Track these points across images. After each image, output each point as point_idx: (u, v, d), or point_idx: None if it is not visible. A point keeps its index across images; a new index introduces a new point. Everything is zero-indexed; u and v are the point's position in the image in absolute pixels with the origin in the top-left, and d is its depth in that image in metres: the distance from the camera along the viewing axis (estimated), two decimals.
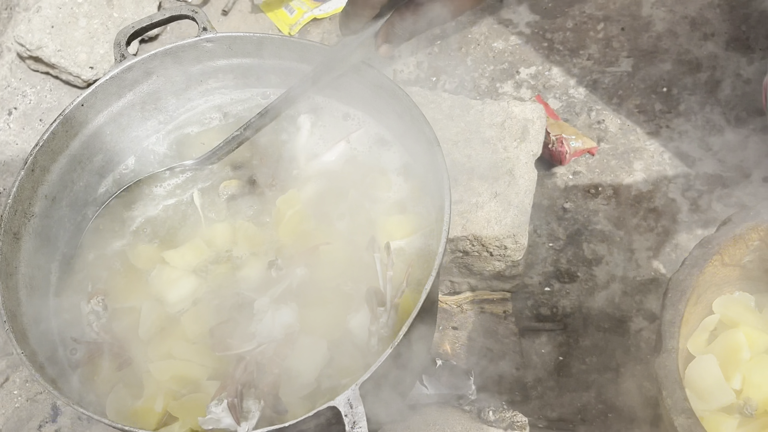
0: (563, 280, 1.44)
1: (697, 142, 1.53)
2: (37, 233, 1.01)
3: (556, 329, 1.40)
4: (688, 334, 1.00)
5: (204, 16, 1.10)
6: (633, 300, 1.40)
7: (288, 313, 0.96)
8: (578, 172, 1.53)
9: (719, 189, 1.48)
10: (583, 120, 1.58)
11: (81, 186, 1.09)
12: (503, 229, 1.29)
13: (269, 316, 0.96)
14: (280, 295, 0.99)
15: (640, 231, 1.46)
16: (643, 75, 1.61)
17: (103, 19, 1.65)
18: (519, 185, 1.32)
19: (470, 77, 1.66)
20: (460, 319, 1.37)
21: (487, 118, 1.38)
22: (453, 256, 1.34)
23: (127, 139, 1.14)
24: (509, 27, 1.70)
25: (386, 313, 0.96)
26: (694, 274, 0.91)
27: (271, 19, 1.77)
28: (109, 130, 1.11)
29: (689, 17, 1.66)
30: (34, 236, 1.01)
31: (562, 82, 1.62)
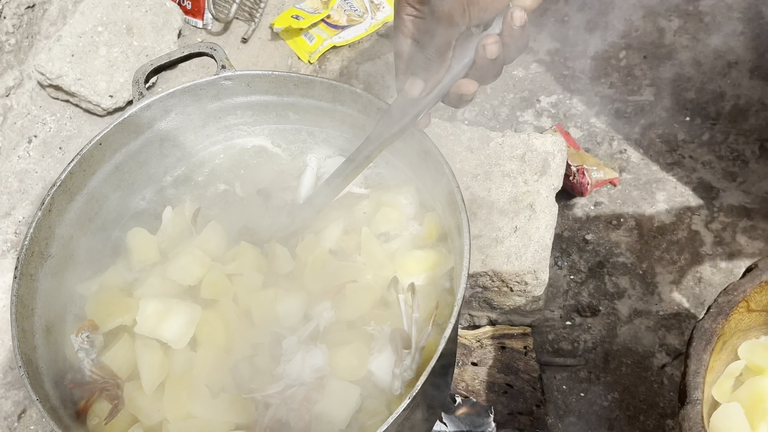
0: (585, 314, 1.42)
1: (720, 172, 1.51)
2: (53, 274, 1.01)
3: (577, 365, 1.38)
4: (713, 380, 0.97)
5: (222, 54, 1.10)
6: (656, 335, 1.38)
7: (319, 355, 0.95)
8: (600, 202, 1.51)
9: (744, 221, 1.46)
10: (604, 150, 1.56)
11: (98, 224, 1.09)
12: (523, 264, 1.27)
13: (299, 357, 0.94)
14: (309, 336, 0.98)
15: (662, 264, 1.44)
16: (666, 104, 1.59)
17: (123, 48, 1.66)
18: (540, 220, 1.30)
19: (490, 105, 1.65)
20: (479, 354, 1.35)
21: (507, 150, 1.37)
22: (473, 291, 1.33)
23: (145, 175, 1.14)
24: (529, 54, 1.69)
25: (410, 356, 0.95)
26: (720, 322, 0.89)
27: (290, 46, 1.77)
28: (127, 167, 1.11)
29: (712, 45, 1.64)
30: (51, 277, 1.01)
31: (583, 111, 1.61)
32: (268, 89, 1.11)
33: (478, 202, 1.33)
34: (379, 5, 1.79)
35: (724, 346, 0.96)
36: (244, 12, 1.78)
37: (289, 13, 1.75)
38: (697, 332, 0.89)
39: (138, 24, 1.68)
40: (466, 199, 1.32)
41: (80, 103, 1.67)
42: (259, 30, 1.80)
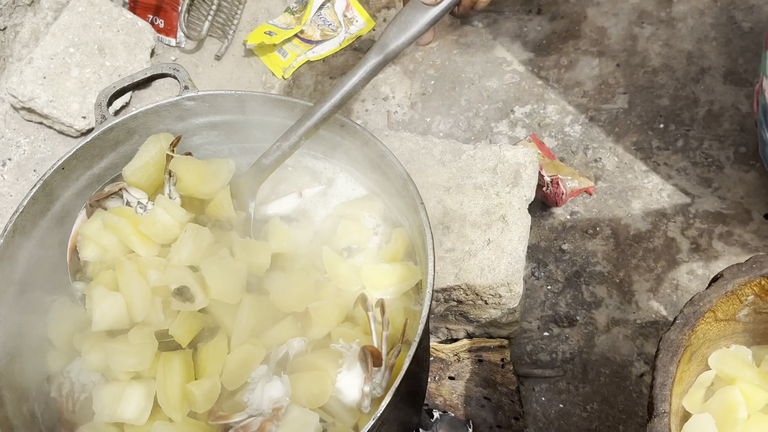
0: (562, 325, 1.41)
1: (695, 178, 1.50)
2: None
3: (556, 376, 1.37)
4: (684, 391, 0.97)
5: (185, 74, 1.09)
6: (634, 344, 1.37)
7: (278, 386, 0.94)
8: (575, 212, 1.51)
9: (720, 227, 1.45)
10: (579, 158, 1.56)
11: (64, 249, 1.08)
12: (497, 277, 1.27)
13: (259, 387, 0.94)
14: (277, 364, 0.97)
15: (639, 272, 1.43)
16: (640, 111, 1.59)
17: (95, 68, 1.65)
18: (512, 232, 1.30)
19: (465, 117, 1.64)
20: (456, 368, 1.34)
21: (479, 162, 1.36)
22: (448, 305, 1.32)
23: None
24: (503, 65, 1.69)
25: (380, 374, 0.94)
26: (686, 333, 0.88)
27: (264, 62, 1.76)
28: (93, 191, 1.10)
29: (685, 51, 1.64)
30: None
31: (557, 120, 1.60)
32: (232, 109, 1.10)
33: (450, 215, 1.33)
34: (352, 19, 1.79)
35: (693, 356, 0.95)
36: (217, 29, 1.78)
37: (262, 29, 1.75)
38: (663, 344, 0.88)
39: (110, 44, 1.67)
40: (438, 213, 1.33)
41: (53, 125, 1.66)
42: (232, 47, 1.80)
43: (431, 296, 0.90)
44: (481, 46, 1.71)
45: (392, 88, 1.70)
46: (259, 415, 0.91)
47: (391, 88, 1.70)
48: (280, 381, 0.93)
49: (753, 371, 0.97)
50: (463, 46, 1.72)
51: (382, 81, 1.71)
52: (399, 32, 0.93)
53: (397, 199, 1.07)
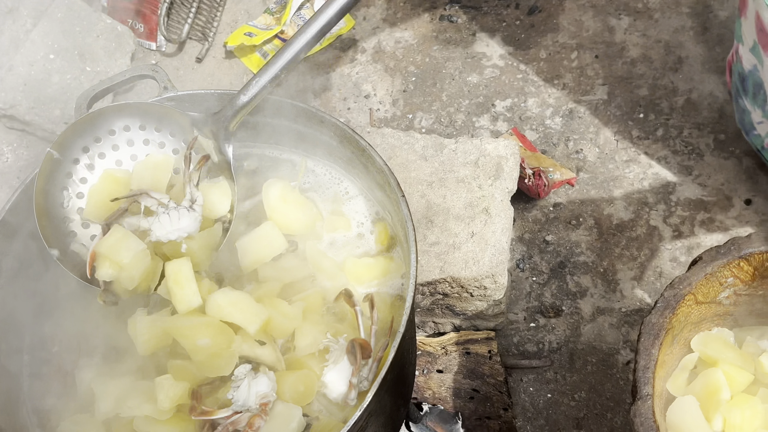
0: (548, 315, 1.42)
1: (676, 167, 1.52)
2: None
3: (543, 366, 1.38)
4: (668, 374, 0.98)
5: (164, 75, 1.10)
6: (619, 332, 1.38)
7: (265, 382, 0.94)
8: (558, 203, 1.52)
9: (701, 214, 1.46)
10: (561, 150, 1.57)
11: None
12: (481, 269, 1.27)
13: (245, 384, 0.94)
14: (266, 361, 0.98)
15: (623, 261, 1.45)
16: (619, 102, 1.60)
17: (75, 74, 1.65)
18: (495, 224, 1.30)
19: (446, 112, 1.65)
20: (444, 361, 1.35)
21: (461, 156, 1.37)
22: (433, 298, 1.33)
23: None
24: (483, 60, 1.69)
25: (368, 367, 0.95)
26: (666, 316, 0.89)
27: (245, 63, 1.77)
28: None
29: (663, 41, 1.65)
30: None
31: (538, 113, 1.61)
32: (211, 107, 1.10)
33: (434, 209, 1.33)
34: None
35: (676, 339, 0.96)
36: (197, 32, 1.78)
37: (242, 31, 1.75)
38: (644, 327, 0.89)
39: (90, 49, 1.67)
40: (422, 207, 1.33)
41: (36, 132, 1.66)
42: (213, 49, 1.80)
43: (414, 288, 0.91)
44: (460, 42, 1.72)
45: (373, 85, 1.71)
46: (246, 410, 0.91)
47: (373, 85, 1.71)
48: (267, 377, 0.94)
49: (735, 353, 0.98)
50: (443, 42, 1.73)
51: (363, 79, 1.72)
52: None
53: (380, 194, 1.08)
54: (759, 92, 1.26)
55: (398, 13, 1.80)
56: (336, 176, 1.14)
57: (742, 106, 1.36)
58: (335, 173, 1.14)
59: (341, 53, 1.77)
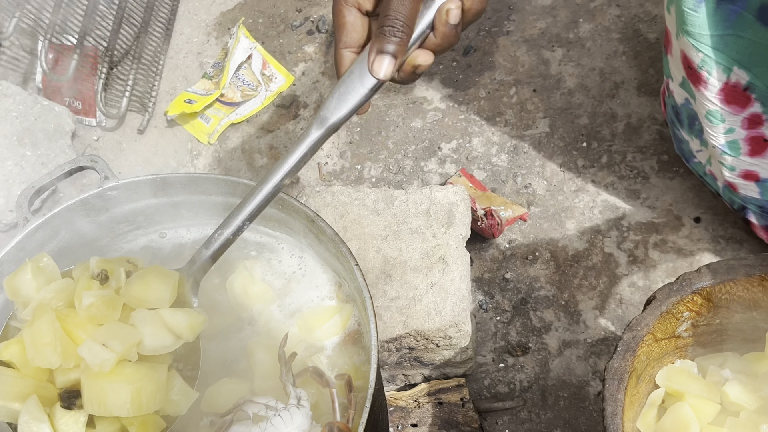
0: (516, 354, 1.42)
1: (624, 192, 1.54)
2: None
3: (516, 406, 1.38)
4: (637, 414, 0.98)
5: (104, 165, 1.08)
6: (587, 363, 1.39)
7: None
8: (513, 240, 1.53)
9: (654, 236, 1.49)
10: (510, 187, 1.58)
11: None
12: (444, 319, 1.28)
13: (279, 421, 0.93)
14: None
15: (583, 291, 1.46)
16: (562, 133, 1.62)
17: (16, 160, 1.63)
18: (453, 272, 1.31)
19: (394, 160, 1.66)
20: (417, 414, 1.34)
21: (412, 207, 1.38)
22: (400, 353, 1.33)
23: None
24: (424, 104, 1.71)
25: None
26: (628, 359, 0.90)
27: (188, 130, 1.76)
28: None
29: (597, 68, 1.69)
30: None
31: (484, 151, 1.63)
32: (155, 192, 1.10)
33: (391, 263, 1.33)
34: (271, 77, 1.80)
35: (641, 378, 0.97)
36: (136, 103, 1.77)
37: (181, 98, 1.74)
38: (608, 373, 0.90)
39: (29, 133, 1.65)
40: (378, 262, 1.33)
41: None
42: (154, 119, 1.79)
43: (377, 359, 0.91)
44: (400, 89, 1.74)
45: None
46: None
47: None
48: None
49: (700, 383, 1.00)
50: (383, 90, 1.74)
51: None
52: (339, 104, 0.86)
53: (334, 262, 1.08)
54: (694, 123, 1.30)
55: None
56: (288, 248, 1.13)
57: (679, 137, 1.40)
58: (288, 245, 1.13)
59: (284, 110, 1.77)
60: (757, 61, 1.11)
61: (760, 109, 1.17)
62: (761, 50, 1.09)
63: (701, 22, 1.09)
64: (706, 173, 1.38)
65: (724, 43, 1.11)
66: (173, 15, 1.94)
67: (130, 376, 0.87)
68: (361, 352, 1.04)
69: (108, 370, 0.86)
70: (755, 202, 1.31)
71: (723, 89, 1.16)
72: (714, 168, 1.34)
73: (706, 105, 1.19)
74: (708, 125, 1.22)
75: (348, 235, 1.36)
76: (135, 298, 0.94)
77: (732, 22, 1.08)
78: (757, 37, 1.08)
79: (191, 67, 1.87)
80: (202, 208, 1.13)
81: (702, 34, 1.11)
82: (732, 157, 1.25)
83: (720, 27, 1.09)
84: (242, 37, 1.79)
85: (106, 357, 0.86)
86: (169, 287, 0.95)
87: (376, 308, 1.28)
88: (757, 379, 0.99)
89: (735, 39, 1.10)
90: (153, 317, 0.92)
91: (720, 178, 1.33)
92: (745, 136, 1.21)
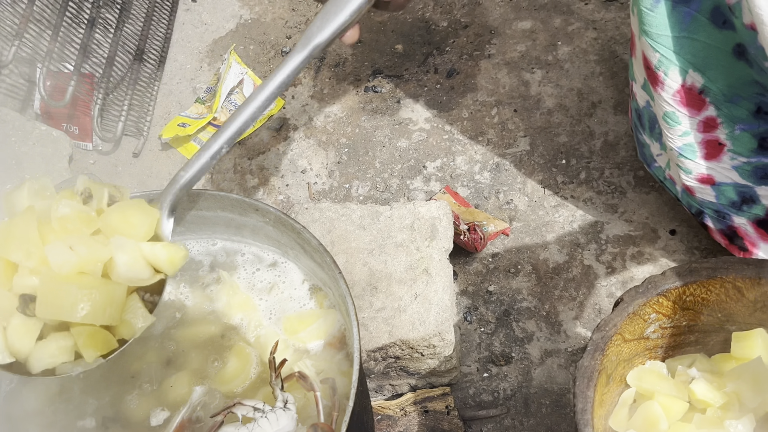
0: (499, 363, 1.47)
1: (602, 206, 1.60)
2: None
3: (500, 414, 1.42)
4: (608, 412, 1.03)
5: None
6: (568, 372, 1.44)
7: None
8: (496, 254, 1.58)
9: (631, 248, 1.54)
10: (492, 203, 1.64)
11: None
12: (428, 329, 1.32)
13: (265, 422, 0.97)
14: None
15: (563, 302, 1.51)
16: (542, 151, 1.68)
17: (15, 183, 1.68)
18: (437, 283, 1.36)
19: (381, 178, 1.72)
20: (404, 423, 1.39)
21: (397, 222, 1.43)
22: (386, 362, 1.37)
23: None
24: (410, 125, 1.77)
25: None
26: (597, 358, 0.95)
27: (182, 153, 1.82)
28: None
29: (575, 89, 1.75)
30: None
31: (467, 169, 1.69)
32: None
33: (376, 276, 1.38)
34: None
35: (611, 378, 1.02)
36: (131, 128, 1.83)
37: (175, 122, 1.80)
38: (578, 372, 0.95)
39: (27, 158, 1.71)
40: (365, 275, 1.38)
41: None
42: (149, 142, 1.85)
43: (360, 362, 0.95)
44: (386, 110, 1.80)
45: (309, 160, 1.77)
46: None
47: (308, 160, 1.77)
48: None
49: (669, 383, 1.04)
50: (370, 112, 1.81)
51: (299, 155, 1.78)
52: (323, 23, 0.89)
53: (320, 272, 1.13)
54: (654, 126, 1.34)
55: (325, 89, 1.87)
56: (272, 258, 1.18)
57: (641, 141, 1.44)
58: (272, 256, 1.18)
59: (274, 133, 1.83)
60: (710, 64, 1.14)
61: (714, 112, 1.20)
62: (714, 53, 1.12)
63: (658, 23, 1.12)
64: (666, 177, 1.42)
65: (679, 45, 1.13)
66: (167, 43, 2.01)
67: (85, 283, 0.86)
68: (346, 358, 1.09)
69: (66, 271, 0.86)
70: (711, 206, 1.34)
71: (679, 91, 1.19)
72: (673, 172, 1.37)
73: (664, 106, 1.22)
74: (666, 127, 1.25)
75: (335, 250, 1.41)
76: (110, 228, 0.93)
77: (687, 24, 1.11)
78: (710, 40, 1.11)
79: (184, 93, 1.94)
80: (193, 224, 1.18)
81: (659, 35, 1.13)
82: (689, 160, 1.27)
83: (676, 28, 1.12)
84: (234, 62, 1.86)
85: (67, 258, 0.86)
86: (146, 224, 0.94)
87: (363, 319, 1.33)
88: (723, 377, 1.03)
89: (690, 42, 1.12)
90: (132, 247, 0.91)
91: (678, 182, 1.35)
92: (701, 140, 1.24)
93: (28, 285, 0.89)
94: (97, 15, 1.83)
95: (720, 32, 1.10)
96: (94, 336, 0.89)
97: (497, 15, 1.91)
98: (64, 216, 0.91)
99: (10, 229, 0.89)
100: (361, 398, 1.00)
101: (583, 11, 1.87)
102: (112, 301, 0.88)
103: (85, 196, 0.96)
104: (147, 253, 0.93)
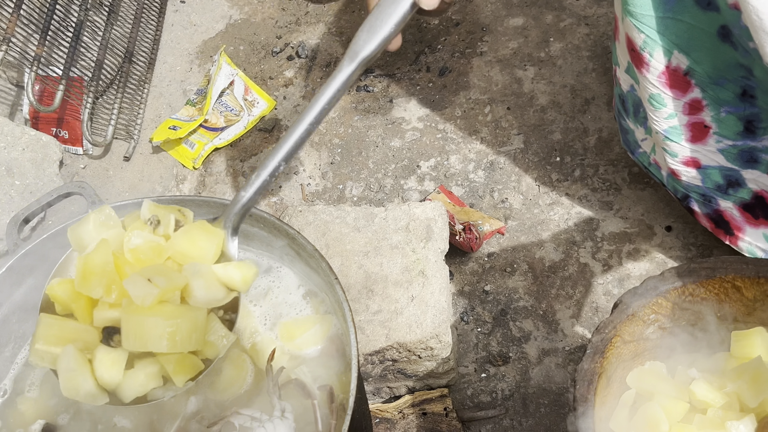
0: (497, 364, 1.46)
1: (597, 204, 1.59)
2: None
3: (499, 415, 1.42)
4: (609, 414, 1.02)
5: (91, 191, 1.12)
6: (566, 371, 1.43)
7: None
8: (492, 253, 1.57)
9: (627, 245, 1.54)
10: (487, 202, 1.63)
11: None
12: (425, 331, 1.32)
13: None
14: None
15: (560, 300, 1.50)
16: (536, 148, 1.67)
17: (5, 189, 1.66)
18: (433, 285, 1.35)
19: (375, 179, 1.70)
20: (403, 425, 1.38)
21: (392, 223, 1.42)
22: (383, 365, 1.36)
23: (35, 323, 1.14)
24: (403, 124, 1.76)
25: None
26: (597, 361, 0.94)
27: (173, 156, 1.80)
28: (15, 318, 1.11)
29: (569, 85, 1.74)
30: None
31: (461, 168, 1.68)
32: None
33: (372, 278, 1.37)
34: (253, 102, 1.84)
35: (611, 380, 1.01)
36: (121, 131, 1.81)
37: (165, 125, 1.79)
38: (578, 375, 0.94)
39: (17, 163, 1.69)
40: (360, 277, 1.37)
41: None
42: (139, 146, 1.83)
43: (357, 369, 0.94)
44: (379, 110, 1.79)
45: (301, 161, 1.76)
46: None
47: (301, 161, 1.76)
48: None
49: (669, 384, 1.04)
50: (362, 112, 1.79)
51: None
52: (370, 35, 0.89)
53: (315, 277, 1.12)
54: (639, 110, 1.33)
55: (316, 89, 1.86)
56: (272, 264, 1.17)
57: (625, 127, 1.43)
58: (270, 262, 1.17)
59: (266, 134, 1.82)
60: (695, 45, 1.13)
61: (699, 94, 1.18)
62: (699, 34, 1.11)
63: (643, 2, 1.11)
64: (651, 163, 1.41)
65: (664, 25, 1.12)
66: (156, 45, 1.99)
67: (168, 313, 0.88)
68: (343, 364, 1.08)
69: (148, 304, 0.87)
70: (697, 189, 1.33)
71: (664, 72, 1.18)
72: (658, 156, 1.36)
73: (649, 89, 1.21)
74: (651, 110, 1.24)
75: (330, 252, 1.40)
76: (181, 254, 0.95)
77: (672, 5, 1.10)
78: (695, 21, 1.10)
79: (175, 95, 1.92)
80: None
81: (644, 15, 1.12)
82: (674, 143, 1.26)
83: (660, 9, 1.10)
84: (224, 64, 1.84)
85: (148, 291, 0.87)
86: (213, 246, 0.96)
87: (359, 322, 1.32)
88: (723, 377, 1.03)
89: (674, 22, 1.11)
90: (206, 271, 0.94)
91: (664, 166, 1.34)
92: (686, 122, 1.23)
93: (110, 318, 0.91)
94: (85, 18, 1.81)
95: (704, 13, 1.09)
96: (182, 362, 0.90)
97: (489, 12, 1.90)
98: (136, 247, 0.93)
99: (87, 265, 0.91)
100: (359, 405, 0.99)
101: (574, 7, 1.86)
102: (196, 327, 0.90)
103: (153, 223, 0.98)
104: (221, 275, 0.95)
